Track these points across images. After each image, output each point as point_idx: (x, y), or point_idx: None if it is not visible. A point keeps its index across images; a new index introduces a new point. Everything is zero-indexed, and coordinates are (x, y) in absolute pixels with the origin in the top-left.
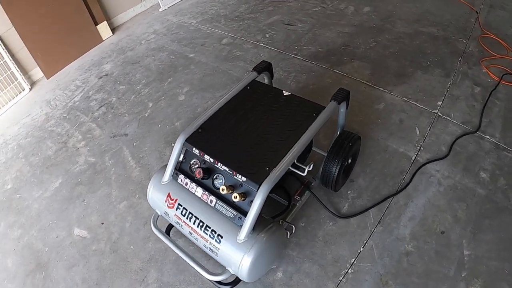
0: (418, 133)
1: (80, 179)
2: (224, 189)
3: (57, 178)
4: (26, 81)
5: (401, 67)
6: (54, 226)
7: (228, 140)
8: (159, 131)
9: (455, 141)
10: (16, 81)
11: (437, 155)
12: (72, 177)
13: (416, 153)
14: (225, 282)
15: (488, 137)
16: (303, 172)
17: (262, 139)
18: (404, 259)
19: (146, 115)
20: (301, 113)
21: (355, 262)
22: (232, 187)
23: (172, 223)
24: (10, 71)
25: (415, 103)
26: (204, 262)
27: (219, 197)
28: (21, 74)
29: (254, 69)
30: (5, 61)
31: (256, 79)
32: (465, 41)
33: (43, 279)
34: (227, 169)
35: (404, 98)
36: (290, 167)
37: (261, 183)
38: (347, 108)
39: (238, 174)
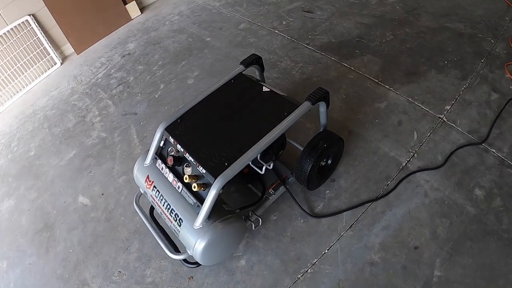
0: (415, 138)
1: (91, 152)
2: (187, 178)
3: (72, 149)
4: (58, 56)
5: (414, 65)
6: (63, 192)
7: (202, 132)
8: (165, 112)
9: (454, 151)
10: (48, 55)
11: (430, 164)
12: (85, 149)
13: (407, 160)
14: (190, 261)
15: (494, 150)
16: (261, 171)
17: (231, 134)
18: (367, 268)
19: (156, 96)
20: (274, 110)
21: (316, 262)
22: (196, 177)
23: (150, 201)
24: (43, 46)
25: (420, 105)
26: (178, 241)
27: (185, 184)
28: (53, 49)
29: (241, 63)
30: (38, 37)
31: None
32: (493, 41)
33: (48, 238)
34: (193, 160)
35: (409, 99)
36: (250, 164)
37: (217, 177)
38: (327, 108)
39: (200, 166)
